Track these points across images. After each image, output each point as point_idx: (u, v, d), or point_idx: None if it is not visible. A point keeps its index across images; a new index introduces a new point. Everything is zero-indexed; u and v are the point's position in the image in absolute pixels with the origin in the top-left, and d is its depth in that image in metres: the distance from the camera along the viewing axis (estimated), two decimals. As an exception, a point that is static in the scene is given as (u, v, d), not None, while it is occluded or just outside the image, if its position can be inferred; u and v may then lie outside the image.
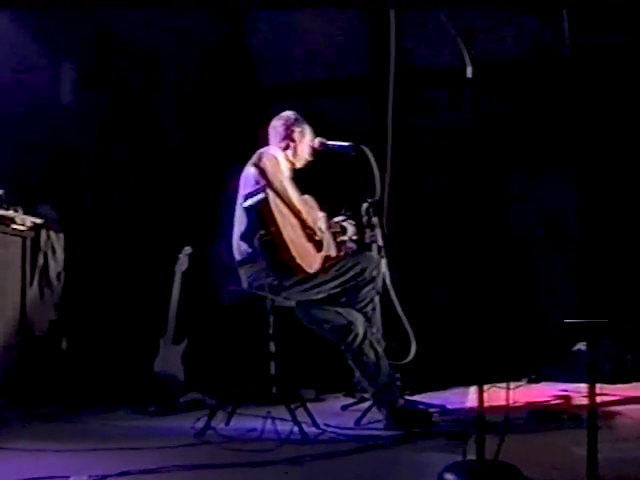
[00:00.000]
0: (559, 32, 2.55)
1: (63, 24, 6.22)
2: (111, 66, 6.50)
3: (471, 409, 4.29)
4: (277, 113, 4.75)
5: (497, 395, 3.74)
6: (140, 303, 5.96)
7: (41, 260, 5.68)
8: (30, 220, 5.51)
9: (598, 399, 2.90)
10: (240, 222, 4.49)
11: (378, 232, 4.56)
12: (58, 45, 6.31)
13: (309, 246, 4.53)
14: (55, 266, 5.78)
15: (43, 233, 5.70)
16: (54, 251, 5.78)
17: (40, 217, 5.63)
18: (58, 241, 5.82)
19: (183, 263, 5.53)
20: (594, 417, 2.81)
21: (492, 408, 3.41)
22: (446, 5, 2.98)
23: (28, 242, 5.52)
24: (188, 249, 5.56)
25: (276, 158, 4.47)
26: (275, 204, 4.37)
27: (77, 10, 6.12)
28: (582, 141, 2.71)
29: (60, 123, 6.37)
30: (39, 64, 6.24)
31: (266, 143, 4.67)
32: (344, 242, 4.77)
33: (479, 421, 2.99)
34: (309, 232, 4.56)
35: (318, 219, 4.68)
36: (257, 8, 6.29)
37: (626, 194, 5.97)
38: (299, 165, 4.70)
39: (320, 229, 4.66)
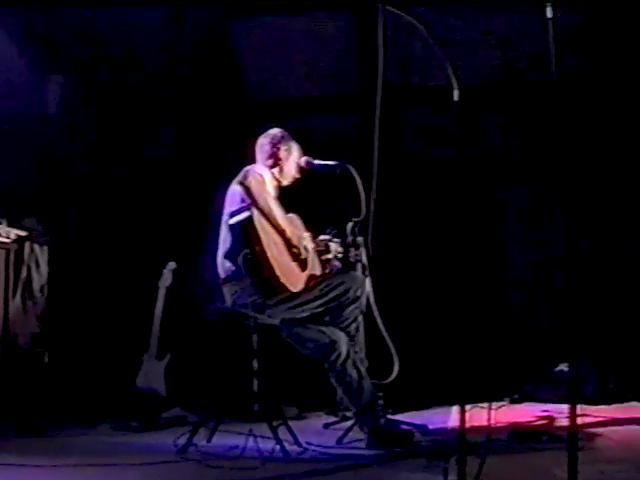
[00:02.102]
0: (544, 56, 2.58)
1: (50, 35, 6.23)
2: (98, 81, 6.50)
3: (453, 429, 4.29)
4: (265, 130, 4.77)
5: (479, 415, 3.75)
6: (123, 318, 5.94)
7: (24, 273, 5.65)
8: (14, 233, 5.49)
9: (580, 420, 2.91)
10: (225, 240, 4.49)
11: (363, 251, 4.59)
12: (44, 58, 6.30)
13: (293, 265, 4.53)
14: (39, 279, 5.76)
15: (27, 246, 5.68)
16: (38, 264, 5.76)
17: (25, 230, 5.61)
18: (42, 254, 5.80)
19: (167, 278, 5.52)
20: (574, 438, 2.81)
21: (474, 428, 3.42)
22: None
23: (12, 255, 5.50)
24: (172, 264, 5.55)
25: (262, 176, 4.48)
26: (260, 223, 4.38)
27: (68, 15, 6.14)
28: (569, 165, 2.74)
29: (47, 136, 6.36)
30: (25, 76, 6.23)
31: (253, 160, 4.69)
32: (329, 260, 4.79)
33: (460, 441, 2.99)
34: (294, 251, 4.57)
35: (303, 238, 4.68)
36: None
37: (611, 215, 6.02)
38: (286, 183, 4.71)
39: (305, 248, 4.67)
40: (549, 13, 2.65)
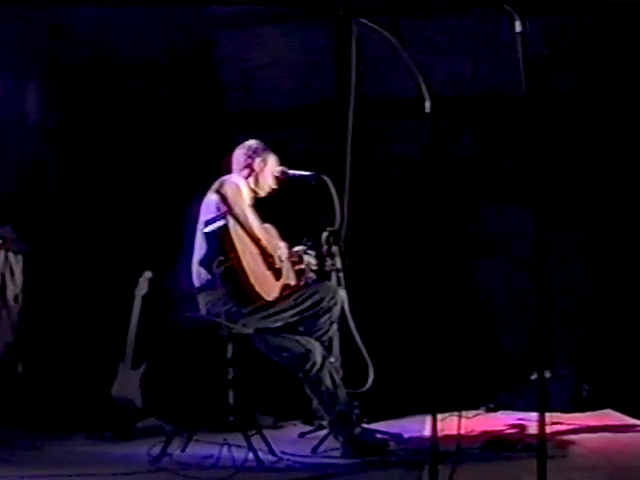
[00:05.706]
0: (514, 75, 2.62)
1: (26, 42, 6.20)
2: (76, 89, 6.48)
3: (427, 438, 4.31)
4: (242, 141, 4.79)
5: (453, 424, 3.77)
6: (99, 327, 5.92)
7: (-2, 281, 5.63)
8: (-12, 241, 5.46)
9: (553, 428, 2.93)
10: (200, 248, 4.51)
11: (338, 261, 4.61)
12: (22, 63, 6.28)
13: (268, 274, 4.55)
14: (13, 288, 5.73)
15: (1, 254, 5.65)
16: (12, 273, 5.73)
17: (-1, 238, 5.59)
18: (17, 263, 5.77)
19: (143, 287, 5.50)
20: (544, 446, 2.84)
21: (448, 437, 3.44)
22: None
23: (-14, 263, 5.48)
24: (148, 274, 5.54)
25: (237, 185, 4.50)
26: (235, 231, 4.40)
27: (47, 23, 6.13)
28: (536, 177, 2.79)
29: (24, 144, 6.33)
30: (2, 83, 6.20)
31: (230, 171, 4.70)
32: (303, 271, 4.80)
33: (432, 450, 3.01)
34: (269, 260, 4.59)
35: (278, 248, 4.70)
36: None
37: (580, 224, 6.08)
38: (262, 194, 4.72)
39: (280, 257, 4.68)
40: (518, 27, 2.68)
